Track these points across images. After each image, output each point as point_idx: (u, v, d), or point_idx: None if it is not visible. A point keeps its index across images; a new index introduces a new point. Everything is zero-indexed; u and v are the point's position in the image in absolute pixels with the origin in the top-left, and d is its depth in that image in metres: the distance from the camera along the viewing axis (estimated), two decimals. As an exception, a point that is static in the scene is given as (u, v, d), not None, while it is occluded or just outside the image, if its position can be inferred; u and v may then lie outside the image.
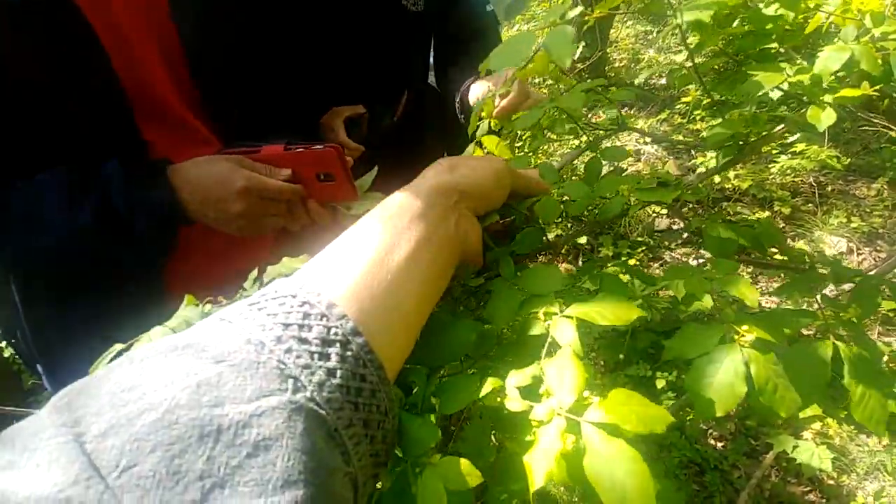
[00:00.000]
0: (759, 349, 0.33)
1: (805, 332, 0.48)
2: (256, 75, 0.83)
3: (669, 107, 3.10)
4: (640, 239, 2.52)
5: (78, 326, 0.71)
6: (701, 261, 2.49)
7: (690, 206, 2.70)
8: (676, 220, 2.66)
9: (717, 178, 2.67)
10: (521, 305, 0.36)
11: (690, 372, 0.34)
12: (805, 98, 0.50)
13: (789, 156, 2.78)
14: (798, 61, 0.61)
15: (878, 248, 2.50)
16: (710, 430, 1.84)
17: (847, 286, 0.49)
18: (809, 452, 1.50)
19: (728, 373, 0.33)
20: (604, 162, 0.49)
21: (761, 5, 0.52)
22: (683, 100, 2.58)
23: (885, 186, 2.74)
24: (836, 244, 2.55)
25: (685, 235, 2.63)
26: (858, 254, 2.50)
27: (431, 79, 1.44)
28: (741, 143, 0.47)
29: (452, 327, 0.36)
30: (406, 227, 0.35)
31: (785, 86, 0.48)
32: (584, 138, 0.56)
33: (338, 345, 0.27)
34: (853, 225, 2.58)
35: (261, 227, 0.67)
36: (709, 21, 0.41)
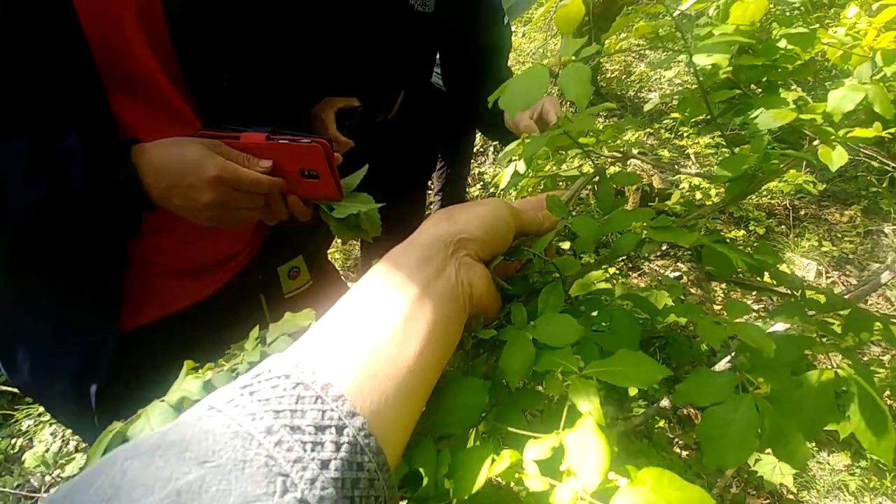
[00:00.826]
0: (773, 401, 0.32)
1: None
2: (246, 51, 0.76)
3: (657, 121, 3.14)
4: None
5: (30, 300, 0.66)
6: (677, 273, 2.54)
7: (672, 219, 2.74)
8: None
9: (698, 195, 2.73)
10: (535, 359, 0.34)
11: (704, 420, 0.33)
12: (810, 132, 0.50)
13: (821, 159, 2.85)
14: (799, 91, 0.60)
15: (847, 272, 2.59)
16: (676, 440, 1.87)
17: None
18: (771, 466, 1.53)
19: (741, 424, 0.32)
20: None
21: (775, 33, 0.51)
22: (672, 115, 2.62)
23: (859, 213, 2.83)
24: (805, 266, 2.63)
25: (664, 247, 2.67)
26: (827, 277, 2.58)
27: (436, 80, 1.41)
28: (750, 177, 0.46)
29: (463, 389, 0.33)
30: (400, 287, 0.33)
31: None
32: (588, 166, 0.54)
33: (333, 430, 0.25)
34: (824, 249, 2.66)
35: (232, 219, 0.62)
36: (725, 64, 0.39)
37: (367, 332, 0.30)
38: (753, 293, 2.30)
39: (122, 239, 0.65)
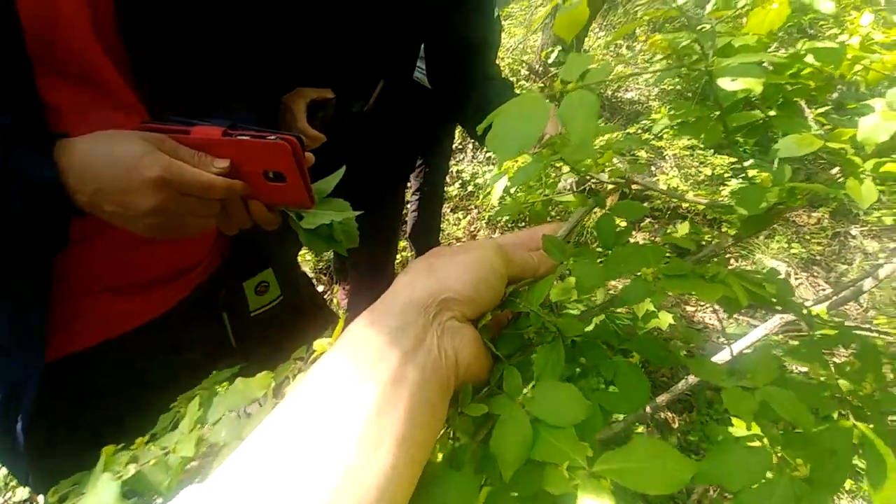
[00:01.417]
0: (814, 483, 0.28)
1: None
2: (207, 28, 0.66)
3: (635, 121, 3.14)
4: (600, 251, 2.54)
5: None
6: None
7: (648, 220, 2.76)
8: (634, 234, 2.70)
9: (689, 197, 2.74)
10: (534, 442, 0.28)
11: (735, 504, 0.28)
12: (836, 161, 0.46)
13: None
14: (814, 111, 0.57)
15: (815, 273, 2.65)
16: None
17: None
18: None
19: (779, 514, 0.27)
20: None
21: (800, 46, 0.47)
22: (653, 117, 2.62)
23: (827, 216, 2.91)
24: (775, 268, 2.69)
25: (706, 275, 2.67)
26: (796, 278, 2.64)
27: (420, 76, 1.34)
28: (769, 212, 0.42)
29: (447, 490, 0.27)
30: (367, 373, 0.26)
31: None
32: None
33: None
34: (793, 251, 2.72)
35: (180, 229, 0.52)
36: (760, 89, 0.34)
37: (321, 449, 0.23)
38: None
39: (46, 252, 0.55)
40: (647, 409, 1.64)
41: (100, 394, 0.68)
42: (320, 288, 2.32)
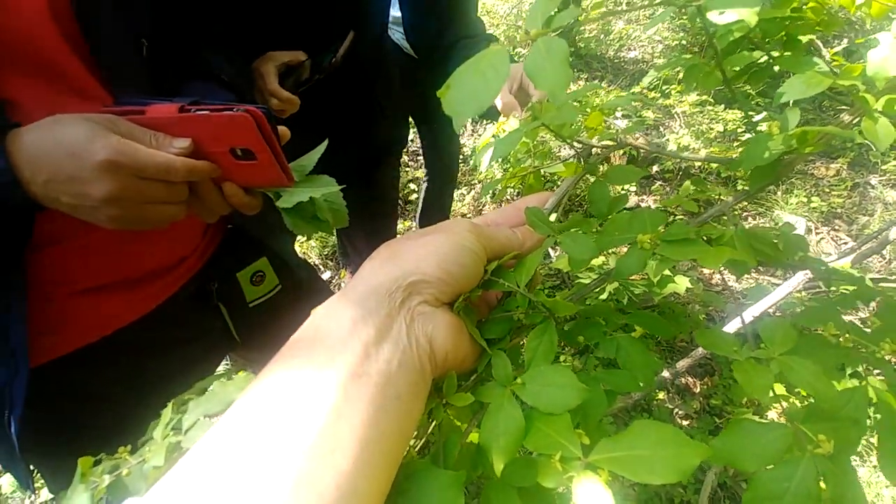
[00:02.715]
0: (835, 460, 0.25)
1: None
2: (166, 7, 0.62)
3: (640, 80, 3.03)
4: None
5: None
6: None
7: (658, 183, 2.68)
8: (644, 198, 2.64)
9: (684, 154, 2.65)
10: (526, 430, 0.26)
11: (751, 489, 0.26)
12: (847, 101, 0.42)
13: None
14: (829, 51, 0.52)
15: (836, 227, 2.56)
16: (676, 410, 1.86)
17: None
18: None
19: (799, 496, 0.25)
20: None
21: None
22: (658, 74, 2.51)
23: (845, 167, 2.80)
24: (795, 223, 2.60)
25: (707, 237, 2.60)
26: (817, 233, 2.55)
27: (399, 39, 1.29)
28: (779, 161, 0.38)
29: (429, 489, 0.25)
30: (322, 371, 0.24)
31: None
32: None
33: None
34: (812, 204, 2.63)
35: (145, 217, 0.48)
36: (755, 20, 0.30)
37: (267, 460, 0.21)
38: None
39: (12, 248, 0.53)
40: (667, 374, 1.62)
41: (98, 393, 0.68)
42: (327, 274, 2.31)
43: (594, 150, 0.45)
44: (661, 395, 1.87)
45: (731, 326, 1.37)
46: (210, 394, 0.35)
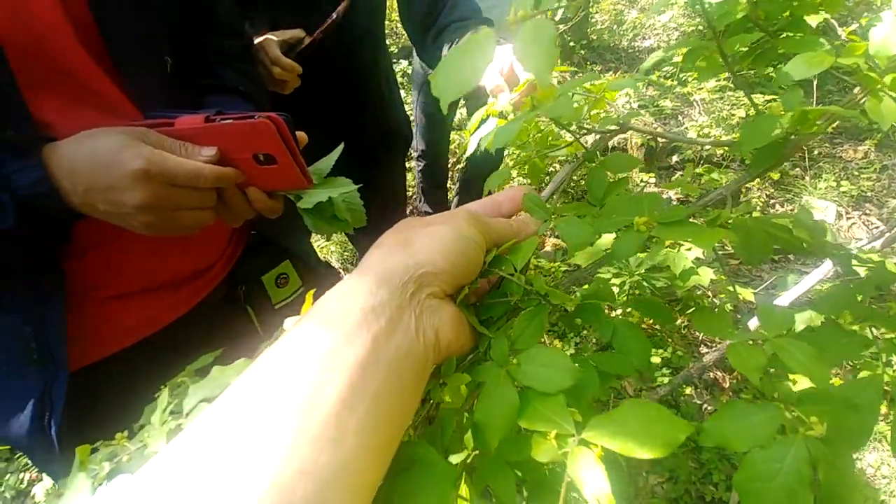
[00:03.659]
0: (828, 442, 0.25)
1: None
2: (185, 27, 0.65)
3: (657, 68, 2.98)
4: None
5: None
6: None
7: (679, 174, 2.63)
8: (665, 190, 2.59)
9: (688, 138, 2.59)
10: (520, 410, 0.27)
11: (742, 470, 0.26)
12: (852, 80, 0.41)
13: (870, 115, 2.70)
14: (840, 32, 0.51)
15: (867, 211, 2.47)
16: (704, 406, 1.82)
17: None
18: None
19: (790, 476, 0.25)
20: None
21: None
22: (672, 61, 2.47)
23: (873, 148, 2.69)
24: (825, 209, 2.51)
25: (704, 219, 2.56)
26: (848, 218, 2.46)
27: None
28: (783, 142, 0.38)
29: (425, 479, 0.25)
30: (333, 359, 0.24)
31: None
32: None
33: None
34: (842, 189, 2.54)
35: (177, 223, 0.51)
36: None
37: (268, 442, 0.21)
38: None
39: (49, 258, 0.56)
40: (693, 369, 1.60)
41: (136, 394, 0.71)
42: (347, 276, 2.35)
43: (596, 135, 0.45)
44: (689, 391, 1.84)
45: (755, 321, 1.34)
46: (209, 378, 0.36)
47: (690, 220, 0.32)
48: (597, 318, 0.34)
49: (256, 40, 0.94)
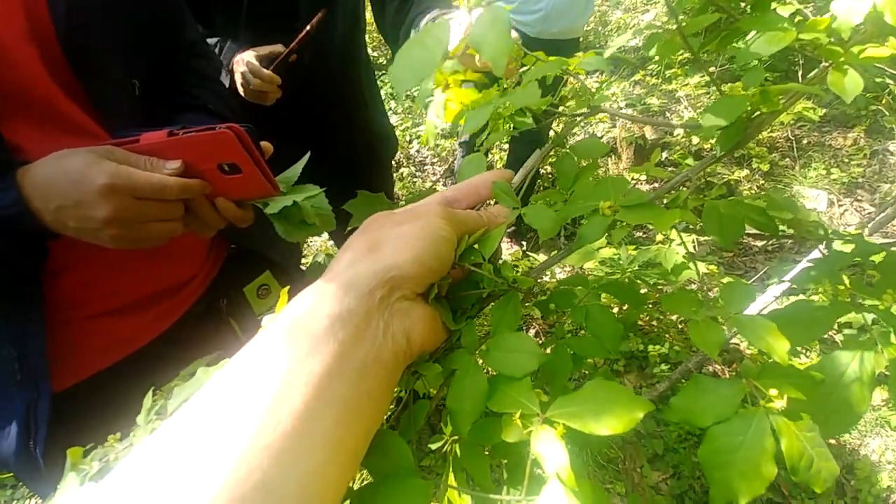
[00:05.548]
0: (790, 414, 0.25)
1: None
2: (153, 51, 0.67)
3: (642, 68, 3.00)
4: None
5: None
6: (683, 233, 2.44)
7: (670, 169, 2.64)
8: (655, 185, 2.60)
9: (694, 139, 2.61)
10: (489, 393, 0.27)
11: (705, 443, 0.26)
12: (815, 55, 0.41)
13: (831, 87, 2.72)
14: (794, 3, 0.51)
15: (859, 197, 2.48)
16: (703, 399, 1.81)
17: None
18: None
19: (753, 449, 0.24)
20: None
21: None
22: (656, 59, 2.48)
23: (862, 135, 2.71)
24: (816, 197, 2.52)
25: (665, 202, 2.57)
26: (839, 205, 2.47)
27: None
28: (745, 121, 0.38)
29: (400, 495, 0.25)
30: (296, 369, 0.23)
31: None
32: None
33: None
34: (833, 176, 2.55)
35: (145, 236, 0.52)
36: None
37: (229, 453, 0.20)
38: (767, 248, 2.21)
39: (27, 278, 0.56)
40: (692, 363, 1.60)
41: (121, 411, 0.71)
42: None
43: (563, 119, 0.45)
44: (686, 383, 1.83)
45: (755, 307, 1.34)
46: (194, 380, 0.36)
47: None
48: (569, 302, 0.34)
49: (236, 57, 0.95)
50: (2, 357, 0.57)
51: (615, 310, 1.90)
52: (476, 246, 0.34)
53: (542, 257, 2.27)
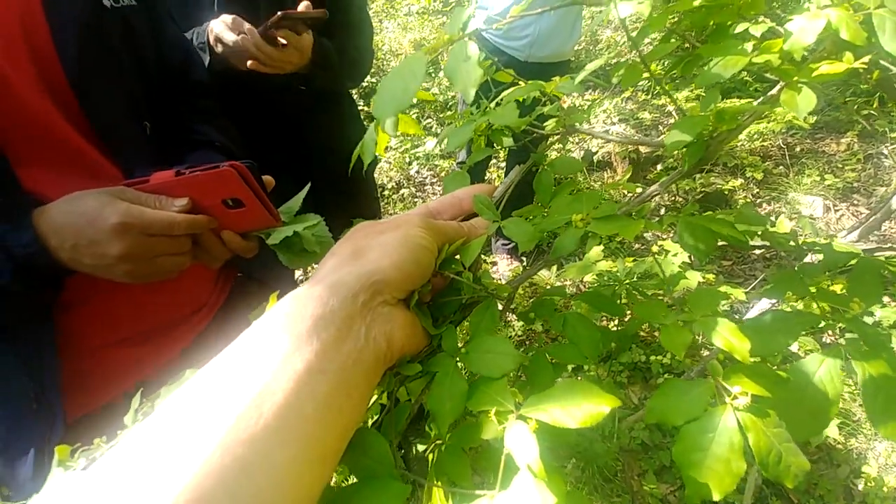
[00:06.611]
0: (757, 411, 0.27)
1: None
2: (163, 94, 0.71)
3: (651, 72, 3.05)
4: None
5: None
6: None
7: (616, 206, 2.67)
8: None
9: (613, 137, 2.64)
10: (469, 393, 0.29)
11: (678, 442, 0.28)
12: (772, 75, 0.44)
13: (783, 107, 2.76)
14: (768, 23, 0.54)
15: (855, 202, 2.49)
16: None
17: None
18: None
19: (722, 445, 0.26)
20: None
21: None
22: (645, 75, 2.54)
23: (855, 140, 2.74)
24: (811, 203, 2.54)
25: (662, 212, 2.60)
26: (836, 210, 2.49)
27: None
28: (707, 140, 0.40)
29: (378, 497, 0.26)
30: (279, 367, 0.24)
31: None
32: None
33: None
34: (827, 182, 2.57)
35: (157, 270, 0.55)
36: (649, 11, 0.33)
37: (205, 446, 0.21)
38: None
39: (43, 311, 0.59)
40: (694, 373, 1.59)
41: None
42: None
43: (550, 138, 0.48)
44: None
45: (752, 314, 1.35)
46: (182, 380, 0.38)
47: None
48: (549, 312, 0.36)
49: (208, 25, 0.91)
50: (20, 388, 0.59)
51: (615, 322, 1.91)
52: (457, 256, 0.36)
53: (543, 273, 2.29)
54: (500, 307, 0.35)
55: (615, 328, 1.95)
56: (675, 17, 0.51)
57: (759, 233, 0.47)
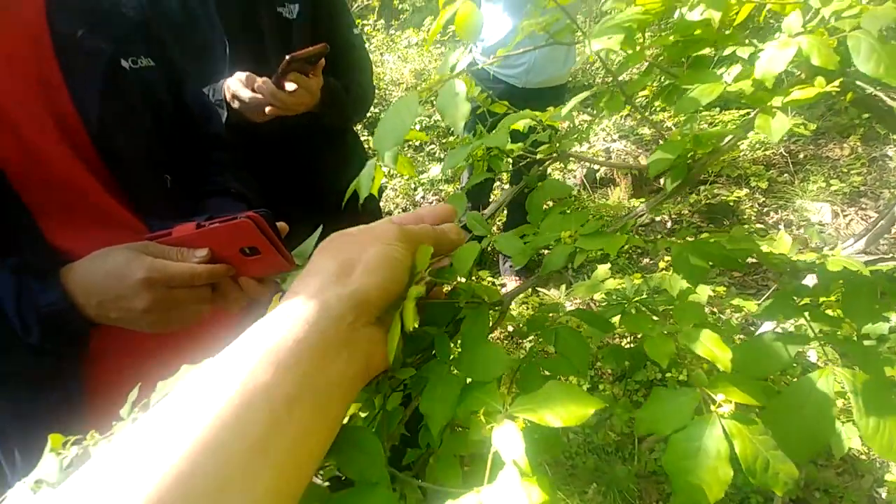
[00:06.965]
0: (742, 419, 0.28)
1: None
2: (182, 149, 0.75)
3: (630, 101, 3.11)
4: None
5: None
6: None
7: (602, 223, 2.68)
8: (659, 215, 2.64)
9: (590, 158, 2.65)
10: (460, 398, 0.30)
11: (668, 452, 0.29)
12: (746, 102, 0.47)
13: (757, 131, 2.79)
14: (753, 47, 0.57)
15: (863, 205, 2.48)
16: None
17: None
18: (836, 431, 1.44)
19: (709, 454, 0.28)
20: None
21: (684, 10, 0.49)
22: (642, 93, 2.59)
23: (858, 143, 2.74)
24: (819, 210, 2.53)
25: (669, 226, 2.61)
26: (844, 215, 2.48)
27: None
28: (689, 162, 0.43)
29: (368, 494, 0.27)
30: (260, 394, 0.24)
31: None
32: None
33: None
34: (833, 188, 2.57)
35: (180, 319, 0.59)
36: (620, 48, 0.37)
37: (186, 467, 0.21)
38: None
39: (71, 364, 0.62)
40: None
41: None
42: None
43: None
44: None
45: (767, 326, 1.34)
46: (176, 376, 0.40)
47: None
48: (541, 326, 0.38)
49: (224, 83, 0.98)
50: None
51: (629, 339, 1.91)
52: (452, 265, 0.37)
53: (552, 292, 2.29)
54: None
55: (628, 346, 1.94)
56: (655, 51, 0.54)
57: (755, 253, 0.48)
